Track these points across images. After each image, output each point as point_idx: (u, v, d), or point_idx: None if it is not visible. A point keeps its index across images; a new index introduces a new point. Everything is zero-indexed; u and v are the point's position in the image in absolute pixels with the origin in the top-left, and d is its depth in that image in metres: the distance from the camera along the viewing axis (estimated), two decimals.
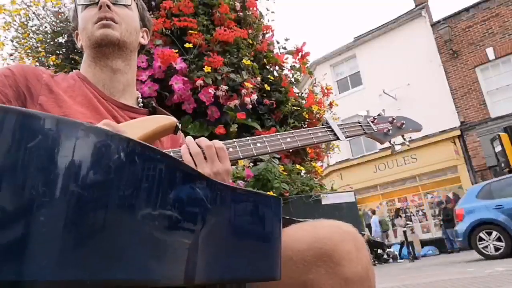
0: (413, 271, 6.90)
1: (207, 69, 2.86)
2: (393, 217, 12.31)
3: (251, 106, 3.00)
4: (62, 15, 3.62)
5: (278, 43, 3.98)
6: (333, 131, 0.95)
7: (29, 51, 3.61)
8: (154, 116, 0.87)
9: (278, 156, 2.98)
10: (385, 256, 12.25)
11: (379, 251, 12.11)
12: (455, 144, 12.21)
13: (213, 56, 2.93)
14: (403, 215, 11.84)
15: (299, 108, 3.55)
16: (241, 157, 0.81)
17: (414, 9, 14.14)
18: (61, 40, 3.60)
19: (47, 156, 0.32)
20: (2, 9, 3.57)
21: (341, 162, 13.81)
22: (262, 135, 0.87)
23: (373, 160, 13.59)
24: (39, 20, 3.76)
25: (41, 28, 3.76)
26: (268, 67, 3.62)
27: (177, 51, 2.89)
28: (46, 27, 3.74)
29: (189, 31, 2.98)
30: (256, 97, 3.03)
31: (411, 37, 13.27)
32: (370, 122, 1.05)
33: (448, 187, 12.79)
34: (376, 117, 1.07)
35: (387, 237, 13.80)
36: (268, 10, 4.15)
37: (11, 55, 3.76)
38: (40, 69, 0.85)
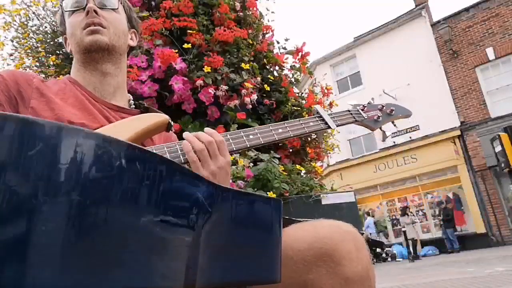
0: (413, 271, 6.90)
1: (207, 69, 2.86)
2: (400, 215, 12.18)
3: (251, 106, 3.00)
4: None
5: (278, 43, 3.97)
6: (324, 120, 0.96)
7: (29, 51, 3.60)
8: (146, 114, 0.87)
9: (278, 156, 2.98)
10: (383, 255, 12.29)
11: (378, 250, 12.16)
12: (455, 144, 12.20)
13: (213, 56, 2.93)
14: (410, 214, 11.78)
15: (299, 108, 3.54)
16: (234, 149, 0.81)
17: (414, 9, 14.13)
18: (61, 40, 3.59)
19: (47, 164, 0.32)
20: (2, 9, 3.57)
21: (341, 162, 13.81)
22: (254, 127, 0.87)
23: (373, 160, 13.58)
24: (39, 20, 3.76)
25: (41, 28, 3.75)
26: (268, 67, 3.61)
27: (177, 51, 2.88)
28: (46, 27, 3.74)
29: (189, 31, 2.98)
30: (256, 97, 3.03)
31: (411, 37, 13.26)
32: (360, 110, 1.07)
33: (448, 187, 12.80)
34: (365, 105, 1.08)
35: (386, 237, 13.82)
36: (268, 10, 4.14)
37: (11, 55, 3.76)
38: (30, 74, 0.85)
